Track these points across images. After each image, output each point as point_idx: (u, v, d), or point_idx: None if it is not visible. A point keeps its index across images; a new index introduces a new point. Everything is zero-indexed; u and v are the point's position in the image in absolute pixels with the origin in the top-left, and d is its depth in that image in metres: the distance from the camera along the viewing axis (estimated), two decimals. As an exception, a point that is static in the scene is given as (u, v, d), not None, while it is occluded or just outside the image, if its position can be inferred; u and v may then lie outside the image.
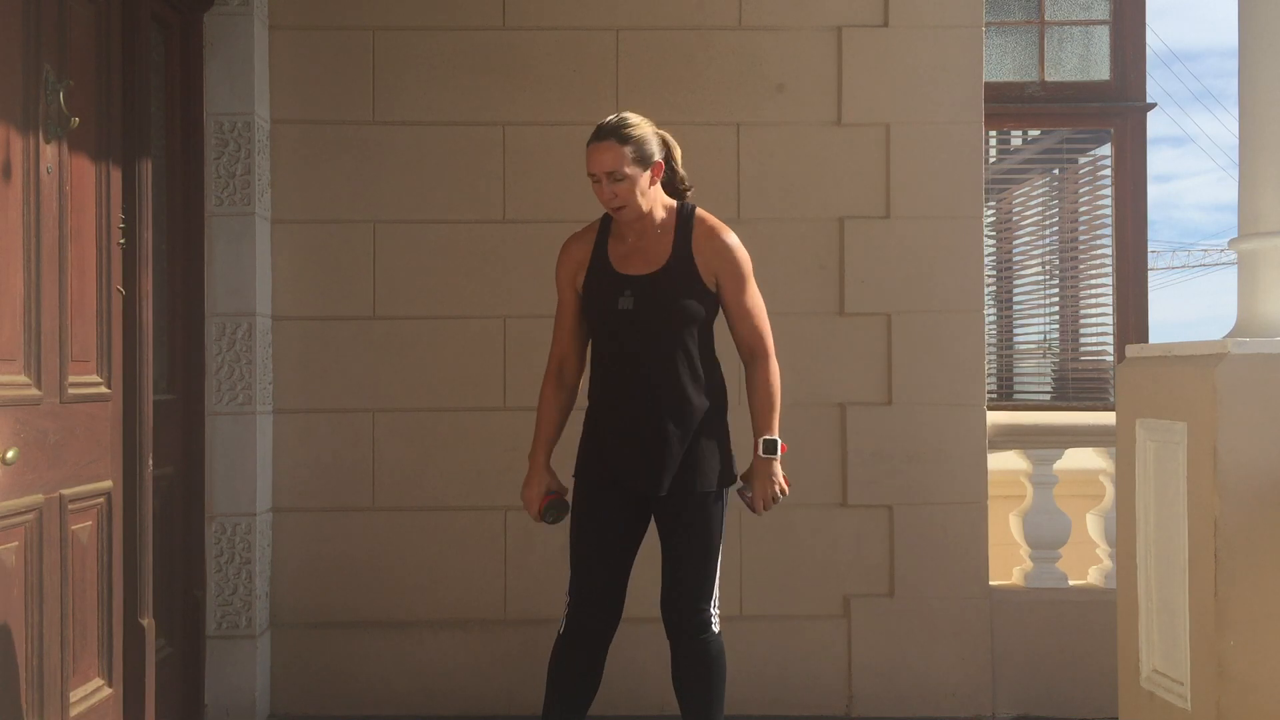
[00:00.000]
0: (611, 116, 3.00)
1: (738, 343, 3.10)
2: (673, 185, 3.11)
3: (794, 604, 4.21)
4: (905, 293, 4.21)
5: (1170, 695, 2.74)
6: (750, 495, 3.10)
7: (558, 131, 4.17)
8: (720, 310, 3.09)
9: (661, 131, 3.06)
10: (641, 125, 2.98)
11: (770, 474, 3.07)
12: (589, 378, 3.14)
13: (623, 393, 3.03)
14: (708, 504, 3.01)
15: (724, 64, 4.22)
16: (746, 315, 3.06)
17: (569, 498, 3.13)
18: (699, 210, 3.08)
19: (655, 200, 3.03)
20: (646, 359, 2.99)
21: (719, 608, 3.07)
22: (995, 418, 4.36)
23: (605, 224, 3.11)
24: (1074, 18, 5.00)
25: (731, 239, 3.04)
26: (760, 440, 3.06)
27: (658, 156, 2.99)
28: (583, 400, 3.18)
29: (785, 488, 3.10)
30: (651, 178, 2.98)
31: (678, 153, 3.10)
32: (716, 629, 3.06)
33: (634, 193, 2.95)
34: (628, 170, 2.93)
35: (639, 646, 4.13)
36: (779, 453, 3.08)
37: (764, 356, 3.07)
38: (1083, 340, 5.09)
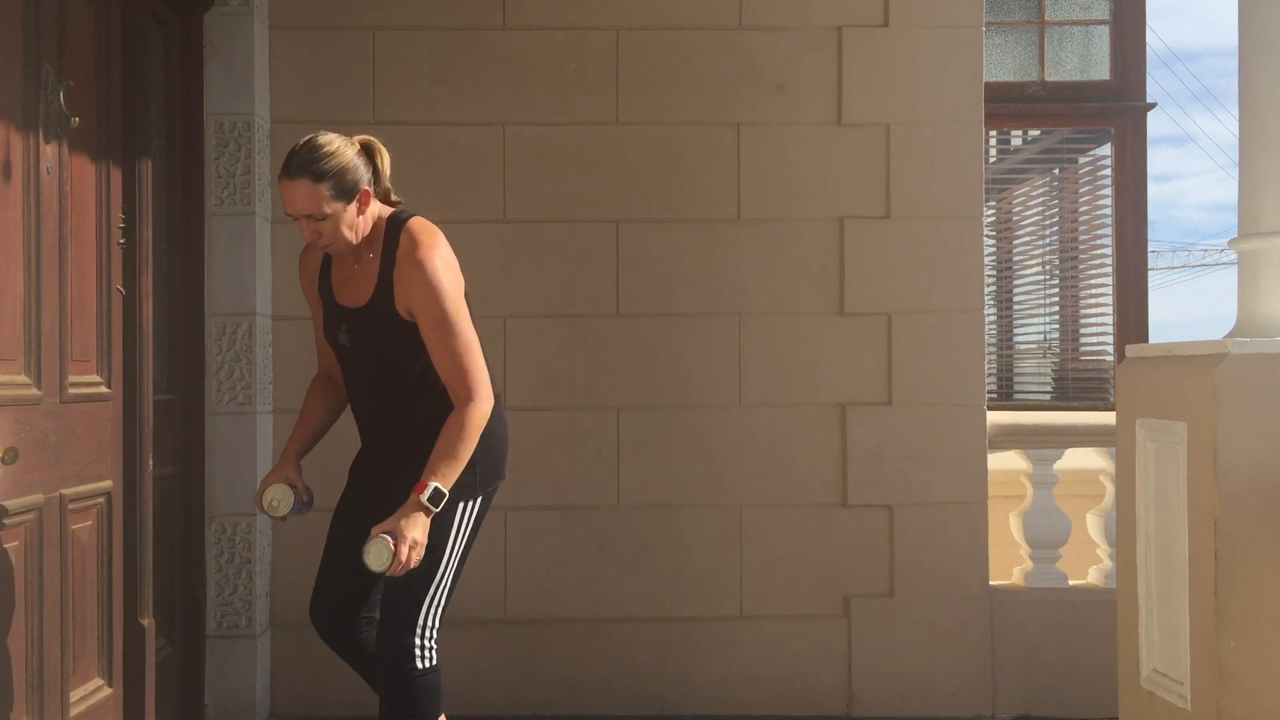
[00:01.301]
0: (301, 143, 2.60)
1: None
2: (384, 199, 2.75)
3: (794, 604, 4.21)
4: (905, 293, 4.21)
5: (1170, 695, 2.74)
6: (372, 548, 2.51)
7: (558, 131, 4.17)
8: None
9: (365, 139, 2.69)
10: (339, 152, 2.58)
11: (407, 523, 2.49)
12: None
13: (359, 413, 2.86)
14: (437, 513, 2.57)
15: (724, 64, 4.22)
16: (439, 349, 2.60)
17: (306, 498, 2.85)
18: (410, 224, 2.67)
19: (367, 226, 2.66)
20: (375, 388, 2.77)
21: (434, 641, 2.68)
22: (995, 418, 4.36)
23: None
24: (1074, 18, 5.00)
25: (428, 263, 2.59)
26: (427, 483, 2.52)
27: (364, 183, 2.61)
28: None
29: (416, 553, 2.52)
30: (359, 207, 2.61)
31: (386, 163, 2.72)
32: (423, 665, 2.62)
33: (339, 230, 2.59)
34: (328, 209, 2.56)
35: (639, 646, 4.14)
36: (432, 504, 2.52)
37: (463, 400, 2.58)
38: (1083, 340, 5.09)
